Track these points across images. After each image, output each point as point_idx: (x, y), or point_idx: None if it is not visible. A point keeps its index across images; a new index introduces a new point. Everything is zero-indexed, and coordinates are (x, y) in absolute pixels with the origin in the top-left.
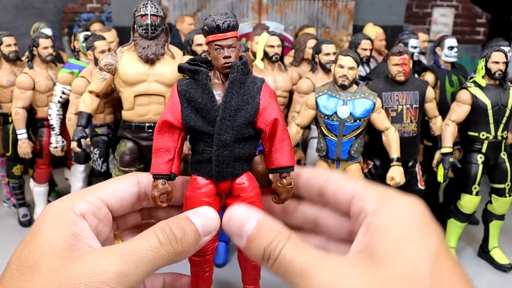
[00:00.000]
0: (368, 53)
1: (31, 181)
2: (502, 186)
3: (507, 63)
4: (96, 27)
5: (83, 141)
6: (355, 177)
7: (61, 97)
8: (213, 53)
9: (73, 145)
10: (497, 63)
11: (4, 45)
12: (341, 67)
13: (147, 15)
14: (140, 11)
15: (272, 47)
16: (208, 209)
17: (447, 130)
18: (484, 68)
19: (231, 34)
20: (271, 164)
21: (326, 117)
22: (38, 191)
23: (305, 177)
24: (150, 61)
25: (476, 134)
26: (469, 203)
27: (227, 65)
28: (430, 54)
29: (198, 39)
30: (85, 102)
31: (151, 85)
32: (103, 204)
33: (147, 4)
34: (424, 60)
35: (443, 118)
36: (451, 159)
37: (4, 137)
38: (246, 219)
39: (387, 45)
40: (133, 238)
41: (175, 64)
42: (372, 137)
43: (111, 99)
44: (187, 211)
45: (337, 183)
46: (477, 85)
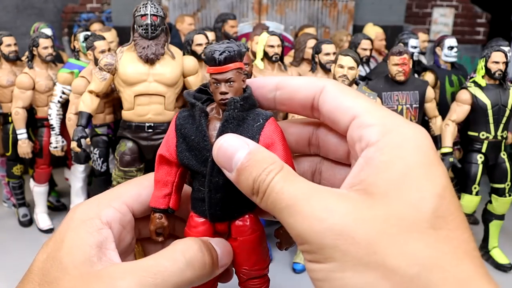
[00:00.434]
0: (368, 53)
1: (31, 181)
2: (502, 186)
3: (507, 63)
4: (96, 27)
5: (83, 141)
6: (355, 92)
7: (61, 97)
8: (211, 87)
9: (73, 145)
10: (497, 63)
11: (4, 45)
12: (341, 67)
13: (147, 15)
14: (140, 11)
15: (272, 47)
16: (226, 242)
17: (447, 130)
18: (484, 68)
19: (229, 67)
20: None
21: None
22: (38, 191)
23: (293, 88)
24: (150, 61)
25: (476, 134)
26: (469, 203)
27: (223, 102)
28: (430, 54)
29: (198, 39)
30: (85, 102)
31: (151, 85)
32: (128, 210)
33: (147, 4)
34: (424, 60)
35: (443, 118)
36: (451, 159)
37: (4, 137)
38: (237, 148)
39: (387, 45)
40: (156, 254)
41: (175, 64)
42: None
43: (111, 99)
44: (207, 237)
45: (334, 97)
46: (477, 85)
